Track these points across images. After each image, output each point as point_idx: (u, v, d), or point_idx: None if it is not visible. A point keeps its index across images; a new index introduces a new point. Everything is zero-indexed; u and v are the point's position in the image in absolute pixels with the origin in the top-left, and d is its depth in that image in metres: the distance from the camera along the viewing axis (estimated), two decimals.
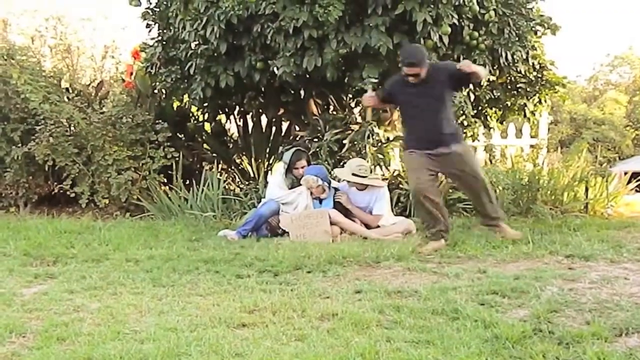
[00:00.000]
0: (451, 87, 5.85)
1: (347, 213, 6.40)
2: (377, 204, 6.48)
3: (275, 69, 7.10)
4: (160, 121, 8.46)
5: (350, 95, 8.39)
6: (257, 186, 7.89)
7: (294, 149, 6.81)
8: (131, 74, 9.03)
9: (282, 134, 9.33)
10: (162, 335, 3.27)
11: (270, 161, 9.15)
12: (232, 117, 9.49)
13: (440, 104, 5.70)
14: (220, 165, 8.91)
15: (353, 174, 6.46)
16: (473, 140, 9.41)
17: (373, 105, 6.55)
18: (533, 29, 7.78)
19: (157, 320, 3.56)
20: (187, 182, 8.35)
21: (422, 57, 5.65)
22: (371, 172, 6.82)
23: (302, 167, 6.67)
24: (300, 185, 6.57)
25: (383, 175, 7.89)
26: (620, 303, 3.68)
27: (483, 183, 5.88)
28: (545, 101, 8.87)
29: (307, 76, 7.40)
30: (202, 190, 7.78)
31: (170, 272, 4.80)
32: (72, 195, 8.37)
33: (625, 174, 8.40)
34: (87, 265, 5.11)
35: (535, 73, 8.50)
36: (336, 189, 6.63)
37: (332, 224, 6.19)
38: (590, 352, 2.88)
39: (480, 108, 8.71)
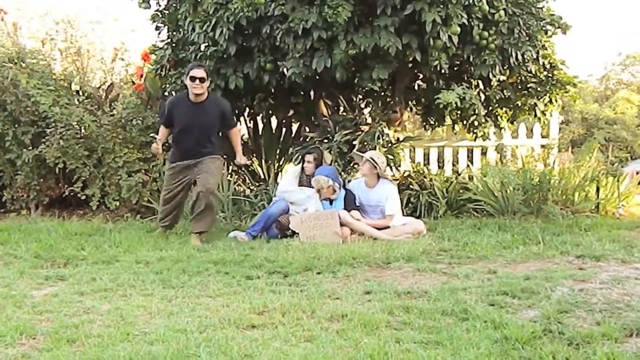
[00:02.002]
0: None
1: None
2: (389, 204, 6.49)
3: (284, 70, 7.11)
4: None
5: (360, 96, 8.38)
6: (267, 188, 7.91)
7: (311, 147, 6.91)
8: (141, 76, 9.05)
9: (292, 135, 9.35)
10: (172, 336, 3.28)
11: (281, 162, 9.16)
12: (242, 118, 9.50)
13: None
14: (230, 167, 8.93)
15: (371, 157, 6.51)
16: (484, 140, 9.39)
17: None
18: (543, 28, 7.72)
19: (167, 322, 3.57)
20: None
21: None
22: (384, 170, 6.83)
23: (309, 162, 6.72)
24: (311, 186, 6.58)
25: (393, 175, 7.89)
26: (631, 303, 3.66)
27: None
28: (556, 101, 8.80)
29: (317, 77, 7.41)
30: None
31: (180, 273, 4.82)
32: (83, 197, 8.41)
33: (637, 173, 8.36)
34: (97, 267, 5.13)
35: (545, 73, 8.44)
36: (347, 190, 6.63)
37: (342, 225, 6.20)
38: (600, 353, 2.87)
39: (490, 108, 8.68)
